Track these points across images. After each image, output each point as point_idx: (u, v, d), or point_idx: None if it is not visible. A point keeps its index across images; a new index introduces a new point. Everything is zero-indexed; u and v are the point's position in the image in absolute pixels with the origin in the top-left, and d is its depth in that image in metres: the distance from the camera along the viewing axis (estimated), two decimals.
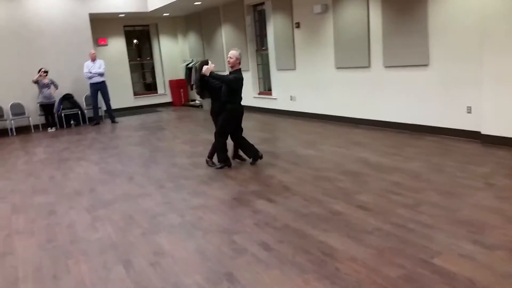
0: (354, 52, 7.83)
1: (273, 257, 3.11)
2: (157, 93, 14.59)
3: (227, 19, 11.71)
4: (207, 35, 12.96)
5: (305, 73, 9.25)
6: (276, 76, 10.35)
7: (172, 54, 14.54)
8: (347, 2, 7.78)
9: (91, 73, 10.82)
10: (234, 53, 5.51)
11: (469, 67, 6.03)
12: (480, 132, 5.97)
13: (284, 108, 10.18)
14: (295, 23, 9.19)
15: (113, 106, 11.67)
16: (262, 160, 5.90)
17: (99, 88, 11.00)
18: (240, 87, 5.56)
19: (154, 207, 4.44)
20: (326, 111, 8.85)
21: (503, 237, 3.13)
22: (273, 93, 10.63)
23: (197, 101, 13.52)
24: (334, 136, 7.28)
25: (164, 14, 13.39)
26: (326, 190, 4.51)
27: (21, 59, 10.77)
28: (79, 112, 11.42)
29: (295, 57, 9.43)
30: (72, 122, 11.38)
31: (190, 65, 9.78)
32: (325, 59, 8.59)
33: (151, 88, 14.78)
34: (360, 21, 7.59)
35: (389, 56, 7.19)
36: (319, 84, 8.92)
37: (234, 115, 5.67)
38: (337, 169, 5.25)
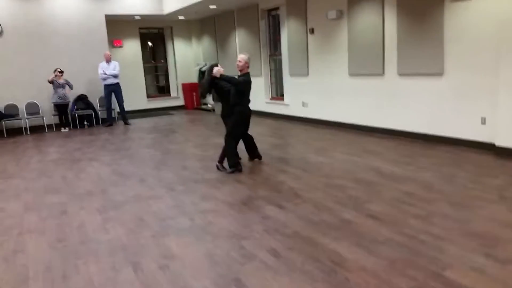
0: (368, 59, 7.80)
1: (282, 264, 3.10)
2: (170, 96, 14.68)
3: (241, 23, 11.76)
4: (221, 39, 13.02)
5: (318, 79, 9.24)
6: (288, 82, 10.34)
7: (185, 57, 14.63)
8: (362, 8, 7.76)
9: (105, 74, 10.92)
10: (243, 57, 5.69)
11: (484, 77, 5.96)
12: (494, 144, 5.89)
13: (295, 114, 10.17)
14: (309, 29, 9.19)
15: (126, 108, 11.77)
16: (272, 165, 5.91)
17: (113, 90, 11.10)
18: (249, 89, 5.75)
19: (164, 210, 4.46)
20: (338, 118, 8.82)
21: None
22: (285, 99, 10.62)
23: (209, 105, 13.57)
24: (346, 143, 7.24)
25: (179, 17, 13.48)
26: (337, 198, 4.48)
27: (37, 59, 10.93)
28: (93, 113, 11.54)
29: (308, 63, 9.42)
30: (85, 122, 11.49)
31: (203, 69, 9.84)
32: (338, 65, 8.57)
33: (164, 91, 14.89)
34: (375, 28, 7.56)
35: (403, 64, 7.14)
36: (331, 91, 8.89)
37: (243, 117, 5.80)
38: (348, 177, 5.22)
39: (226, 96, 5.80)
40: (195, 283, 2.91)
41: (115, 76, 11.00)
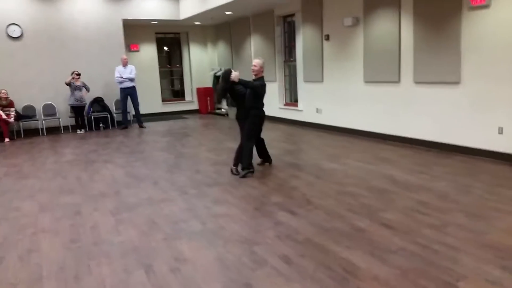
0: (384, 67, 7.76)
1: (294, 271, 3.08)
2: (184, 100, 14.79)
3: (257, 29, 11.80)
4: (236, 44, 13.08)
5: (333, 85, 9.21)
6: (302, 88, 10.33)
7: (201, 62, 14.73)
8: (379, 16, 7.73)
9: (122, 77, 11.06)
10: (258, 61, 5.88)
11: (502, 87, 5.88)
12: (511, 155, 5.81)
13: (309, 120, 10.14)
14: (325, 35, 9.18)
15: (142, 111, 11.89)
16: (285, 171, 5.90)
17: (129, 93, 11.23)
18: (264, 93, 5.91)
19: (177, 213, 4.47)
20: (353, 125, 8.77)
21: None
22: (299, 105, 10.60)
23: (222, 110, 13.62)
24: (359, 151, 7.19)
25: (195, 23, 13.60)
26: (350, 206, 4.45)
27: (56, 62, 11.12)
28: (108, 115, 11.68)
29: (323, 69, 9.41)
30: (101, 125, 11.63)
31: (218, 74, 9.90)
32: (353, 72, 8.53)
33: (179, 95, 15.00)
34: (391, 35, 7.52)
35: (419, 72, 7.08)
36: (346, 98, 8.85)
37: (259, 120, 5.96)
38: (361, 185, 5.18)
39: (241, 99, 5.90)
40: (206, 287, 2.91)
41: (131, 79, 11.13)
